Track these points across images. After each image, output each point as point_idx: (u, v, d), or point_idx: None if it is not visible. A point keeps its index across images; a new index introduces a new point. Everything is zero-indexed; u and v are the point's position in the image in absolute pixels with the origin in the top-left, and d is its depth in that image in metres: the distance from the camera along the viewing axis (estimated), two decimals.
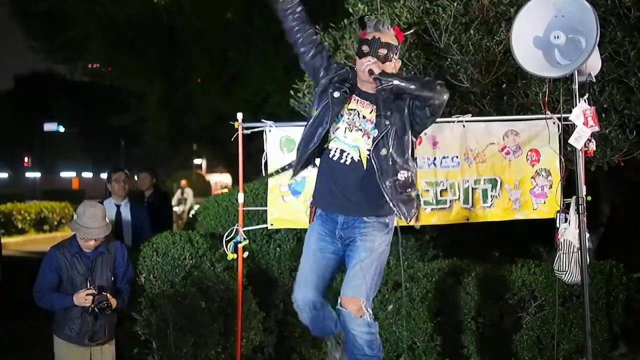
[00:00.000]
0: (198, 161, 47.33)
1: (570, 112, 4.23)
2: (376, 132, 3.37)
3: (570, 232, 4.23)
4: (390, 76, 3.30)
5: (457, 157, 4.76)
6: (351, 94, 3.46)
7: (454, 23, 5.11)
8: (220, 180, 43.30)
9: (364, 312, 3.37)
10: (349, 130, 3.44)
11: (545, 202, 4.74)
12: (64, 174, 48.08)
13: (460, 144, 4.76)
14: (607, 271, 5.09)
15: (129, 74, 18.06)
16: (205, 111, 16.82)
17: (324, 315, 3.59)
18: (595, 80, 4.38)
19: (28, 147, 40.74)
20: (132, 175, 7.47)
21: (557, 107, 4.58)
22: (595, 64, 4.22)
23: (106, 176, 6.28)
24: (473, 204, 4.76)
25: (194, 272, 4.79)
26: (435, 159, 4.76)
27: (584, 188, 4.26)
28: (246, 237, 4.67)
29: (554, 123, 4.66)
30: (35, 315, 4.58)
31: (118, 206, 5.97)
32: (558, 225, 4.30)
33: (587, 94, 4.23)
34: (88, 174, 48.38)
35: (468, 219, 4.79)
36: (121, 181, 6.00)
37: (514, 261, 5.26)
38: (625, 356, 5.49)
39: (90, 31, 17.28)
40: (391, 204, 3.37)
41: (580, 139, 4.18)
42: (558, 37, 4.02)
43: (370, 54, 3.37)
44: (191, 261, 4.80)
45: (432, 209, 4.76)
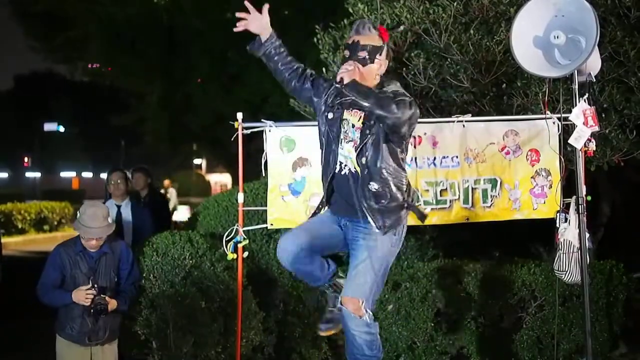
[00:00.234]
0: (198, 161, 47.36)
1: (570, 112, 4.23)
2: (359, 142, 3.40)
3: (570, 232, 4.22)
4: (353, 89, 3.26)
5: (457, 157, 4.76)
6: (344, 107, 3.47)
7: (453, 23, 5.11)
8: (220, 180, 43.31)
9: (363, 313, 3.37)
10: (344, 141, 3.48)
11: (545, 202, 4.74)
12: (64, 174, 48.11)
13: (460, 143, 4.76)
14: (607, 271, 5.10)
15: (129, 74, 18.09)
16: (205, 111, 16.83)
17: (310, 260, 3.52)
18: (595, 80, 4.37)
19: (28, 147, 40.76)
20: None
21: (557, 107, 4.58)
22: (595, 64, 4.22)
23: (106, 177, 6.26)
24: (473, 203, 4.76)
25: (194, 272, 4.79)
26: (435, 158, 4.76)
27: (584, 188, 4.25)
28: (246, 237, 4.67)
29: (554, 123, 4.66)
30: (36, 315, 4.59)
31: (119, 207, 5.96)
32: (558, 225, 4.30)
33: (587, 94, 4.23)
34: (88, 174, 48.40)
35: (468, 219, 4.79)
36: (117, 182, 5.98)
37: (514, 261, 5.26)
38: (625, 356, 5.49)
39: (90, 31, 17.31)
40: (365, 211, 3.38)
41: (580, 138, 4.18)
42: (558, 37, 4.02)
43: (351, 58, 3.39)
44: (191, 261, 4.80)
45: (432, 208, 4.75)
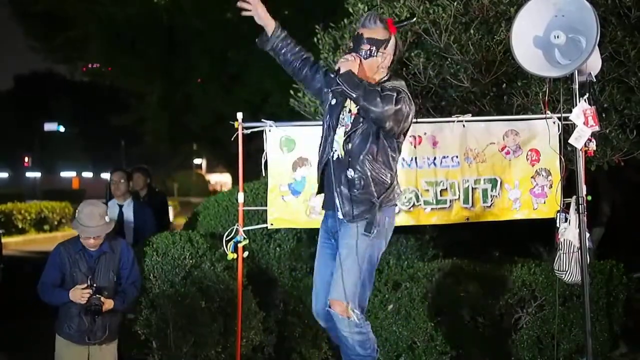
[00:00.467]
0: (198, 161, 47.38)
1: (571, 111, 4.22)
2: (350, 127, 3.43)
3: (570, 232, 4.22)
4: (345, 78, 3.28)
5: (457, 156, 4.75)
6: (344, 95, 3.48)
7: (454, 23, 5.11)
8: (220, 180, 43.34)
9: (350, 314, 3.35)
10: (339, 126, 3.51)
11: (545, 202, 4.73)
12: (64, 173, 48.11)
13: (460, 143, 4.75)
14: (608, 271, 5.09)
15: (129, 74, 18.11)
16: (205, 111, 16.85)
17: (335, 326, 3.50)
18: (595, 80, 4.37)
19: (28, 147, 40.76)
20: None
21: (557, 107, 4.58)
22: (595, 64, 4.22)
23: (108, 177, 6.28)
24: (473, 203, 4.75)
25: (194, 272, 4.79)
26: (435, 158, 4.75)
27: (584, 188, 4.25)
28: (246, 236, 4.67)
29: (554, 123, 4.65)
30: (36, 315, 4.59)
31: (121, 206, 5.97)
32: (558, 225, 4.29)
33: (588, 94, 4.23)
34: (88, 174, 48.41)
35: (468, 219, 4.78)
36: (118, 182, 5.99)
37: (514, 261, 5.26)
38: (626, 356, 5.49)
39: (90, 31, 17.31)
40: (336, 195, 3.40)
41: (581, 138, 4.18)
42: (558, 37, 4.02)
43: (354, 50, 3.43)
44: (191, 261, 4.80)
45: (432, 208, 4.76)
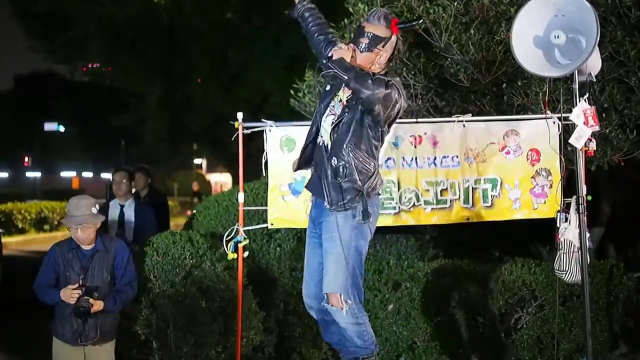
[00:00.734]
0: (198, 161, 47.34)
1: (571, 111, 4.22)
2: (338, 116, 3.48)
3: (570, 232, 4.22)
4: (337, 62, 3.36)
5: (457, 156, 4.75)
6: (335, 81, 3.55)
7: (454, 23, 5.11)
8: (220, 180, 43.33)
9: (343, 305, 3.40)
10: (328, 115, 3.57)
11: (545, 202, 4.73)
12: (64, 173, 48.12)
13: (461, 143, 4.76)
14: (608, 271, 5.09)
15: (129, 74, 18.10)
16: (205, 111, 16.84)
17: (332, 321, 3.55)
18: (595, 80, 4.37)
19: (28, 147, 40.77)
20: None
21: (557, 107, 4.58)
22: (595, 64, 4.22)
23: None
24: (473, 203, 4.76)
25: (194, 272, 4.79)
26: (435, 158, 4.76)
27: (584, 188, 4.25)
28: (246, 236, 4.67)
29: (554, 123, 4.66)
30: (36, 315, 4.58)
31: (122, 206, 5.96)
32: (558, 225, 4.30)
33: (588, 94, 4.23)
34: (88, 174, 48.42)
35: (468, 219, 4.79)
36: (119, 182, 5.98)
37: (514, 261, 5.26)
38: (626, 356, 5.49)
39: (90, 31, 17.30)
40: (323, 184, 3.46)
41: (581, 138, 4.18)
42: (558, 37, 4.02)
43: (352, 41, 3.51)
44: (191, 261, 4.80)
45: (432, 208, 4.76)
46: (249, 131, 4.74)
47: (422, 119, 5.04)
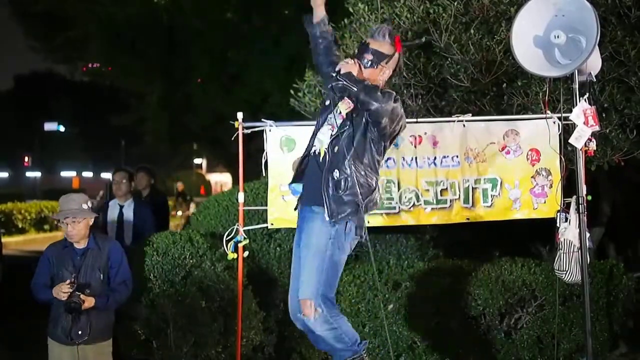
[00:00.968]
0: (198, 161, 47.36)
1: (571, 111, 4.22)
2: (337, 129, 3.50)
3: (570, 232, 4.22)
4: (347, 76, 3.39)
5: (458, 156, 4.75)
6: (337, 93, 3.54)
7: (454, 22, 5.11)
8: (220, 180, 43.34)
9: (312, 312, 3.41)
10: (325, 125, 3.59)
11: (545, 202, 4.73)
12: (64, 173, 48.10)
13: (461, 143, 4.76)
14: (608, 271, 5.09)
15: (129, 74, 18.08)
16: (205, 111, 16.83)
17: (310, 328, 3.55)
18: (595, 80, 4.37)
19: (28, 146, 40.79)
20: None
21: (557, 107, 4.58)
22: (595, 64, 4.22)
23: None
24: (473, 203, 4.76)
25: (194, 272, 4.79)
26: (435, 158, 4.76)
27: (584, 187, 4.25)
28: (246, 236, 4.67)
29: (554, 122, 4.66)
30: (36, 315, 4.57)
31: (121, 207, 5.96)
32: (558, 225, 4.30)
33: (588, 94, 4.23)
34: (88, 174, 48.40)
35: (468, 219, 4.78)
36: (119, 182, 5.98)
37: (514, 261, 5.25)
38: (626, 356, 5.49)
39: (90, 31, 17.29)
40: (323, 196, 3.44)
41: (581, 138, 4.18)
42: (558, 37, 4.02)
43: (356, 57, 3.54)
44: (191, 261, 4.80)
45: (432, 208, 4.76)
46: (249, 131, 4.74)
47: (422, 118, 5.03)
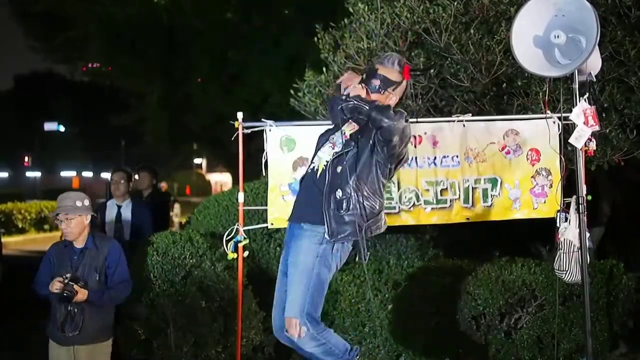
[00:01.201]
0: (198, 160, 47.38)
1: (571, 111, 4.22)
2: (340, 148, 3.49)
3: (570, 232, 4.22)
4: (358, 98, 3.40)
5: (457, 156, 4.75)
6: (343, 116, 3.53)
7: (454, 22, 5.11)
8: (220, 180, 43.35)
9: (300, 333, 3.36)
10: (327, 144, 3.60)
11: (545, 202, 4.73)
12: (64, 173, 48.05)
13: (461, 143, 4.75)
14: (608, 271, 5.09)
15: (129, 74, 18.09)
16: (205, 111, 16.83)
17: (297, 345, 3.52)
18: (595, 80, 4.37)
19: (28, 146, 40.78)
20: (133, 174, 7.39)
21: (557, 107, 4.58)
22: (595, 64, 4.22)
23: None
24: (473, 203, 4.75)
25: (194, 272, 4.79)
26: (435, 158, 4.75)
27: (584, 187, 4.25)
28: (246, 236, 4.67)
29: (554, 122, 4.65)
30: (36, 315, 4.58)
31: (119, 207, 5.96)
32: (558, 225, 4.29)
33: (588, 94, 4.23)
34: (88, 174, 48.38)
35: (468, 219, 4.78)
36: (117, 182, 5.98)
37: (514, 261, 5.26)
38: (626, 356, 5.49)
39: (90, 31, 17.30)
40: (324, 215, 3.41)
41: (581, 138, 4.18)
42: (558, 37, 4.02)
43: (364, 82, 3.54)
44: (191, 260, 4.80)
45: (432, 208, 4.75)
46: (249, 131, 4.74)
47: (422, 118, 5.03)
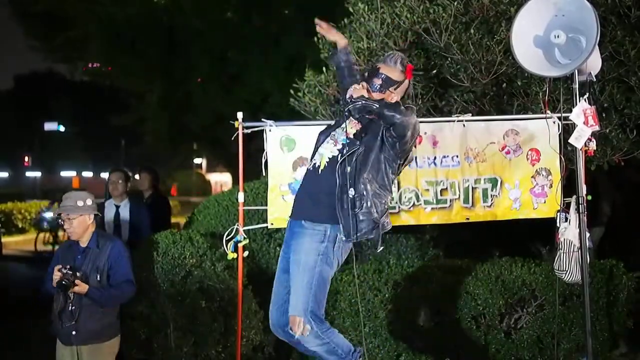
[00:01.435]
0: (198, 160, 47.36)
1: (571, 111, 4.23)
2: (347, 149, 3.50)
3: (570, 232, 4.22)
4: (365, 98, 3.44)
5: (457, 156, 4.75)
6: (349, 117, 3.59)
7: (454, 22, 5.11)
8: (220, 180, 43.37)
9: (304, 331, 3.40)
10: (329, 142, 3.62)
11: (545, 202, 4.73)
12: (64, 173, 48.06)
13: (461, 143, 4.76)
14: (608, 270, 5.09)
15: (129, 74, 18.06)
16: (205, 111, 16.82)
17: (297, 341, 3.57)
18: (595, 80, 4.37)
19: (28, 146, 40.78)
20: (134, 175, 7.39)
21: (557, 107, 4.58)
22: (595, 63, 4.22)
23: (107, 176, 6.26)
24: (473, 203, 4.75)
25: (195, 272, 4.79)
26: (435, 158, 4.76)
27: (584, 187, 4.25)
28: (246, 236, 4.67)
29: (554, 122, 4.66)
30: (36, 315, 4.59)
31: (117, 207, 5.95)
32: (558, 225, 4.30)
33: (588, 93, 4.23)
34: (88, 174, 48.38)
35: (468, 219, 4.78)
36: (115, 182, 5.97)
37: (514, 261, 5.26)
38: (626, 356, 5.50)
39: (90, 31, 17.28)
40: (339, 216, 3.44)
41: (581, 138, 4.18)
42: (558, 37, 4.02)
43: (366, 81, 3.58)
44: (191, 260, 4.80)
45: (432, 208, 4.75)
46: (249, 131, 4.74)
47: (422, 118, 5.03)
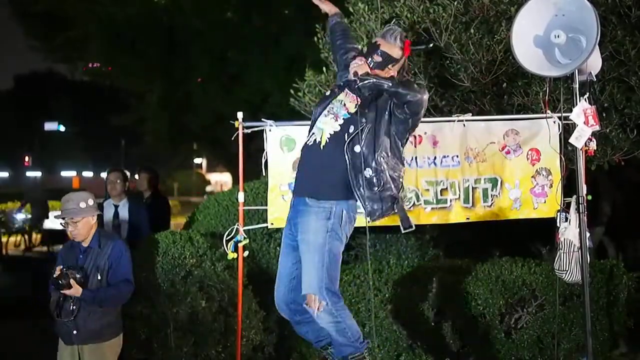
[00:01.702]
0: (198, 161, 47.39)
1: (571, 111, 4.22)
2: (352, 127, 3.47)
3: (570, 232, 4.22)
4: (373, 76, 3.43)
5: (458, 156, 4.76)
6: (344, 88, 3.62)
7: (454, 22, 5.10)
8: (220, 180, 43.39)
9: (319, 306, 3.40)
10: (324, 115, 3.58)
11: (545, 202, 4.74)
12: (65, 173, 48.04)
13: (461, 143, 4.76)
14: (608, 270, 5.09)
15: (129, 74, 18.08)
16: (205, 111, 16.83)
17: (304, 321, 3.61)
18: (595, 80, 4.37)
19: (28, 146, 40.76)
20: (133, 175, 7.37)
21: (557, 106, 4.58)
22: (595, 63, 4.22)
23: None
24: (473, 203, 4.76)
25: (195, 272, 4.79)
26: (435, 158, 4.76)
27: (585, 187, 4.25)
28: (246, 236, 4.67)
29: (555, 122, 4.66)
30: (36, 315, 4.59)
31: (116, 207, 5.95)
32: (558, 225, 4.29)
33: (588, 93, 4.23)
34: (88, 174, 48.38)
35: (468, 219, 4.78)
36: (114, 182, 5.96)
37: (514, 261, 5.26)
38: (626, 356, 5.50)
39: (90, 31, 17.29)
40: (359, 198, 3.46)
41: (581, 138, 4.18)
42: (558, 36, 4.02)
43: (365, 56, 3.55)
44: (192, 260, 4.80)
45: (432, 208, 4.76)
46: (249, 131, 4.74)
47: (422, 118, 5.02)
